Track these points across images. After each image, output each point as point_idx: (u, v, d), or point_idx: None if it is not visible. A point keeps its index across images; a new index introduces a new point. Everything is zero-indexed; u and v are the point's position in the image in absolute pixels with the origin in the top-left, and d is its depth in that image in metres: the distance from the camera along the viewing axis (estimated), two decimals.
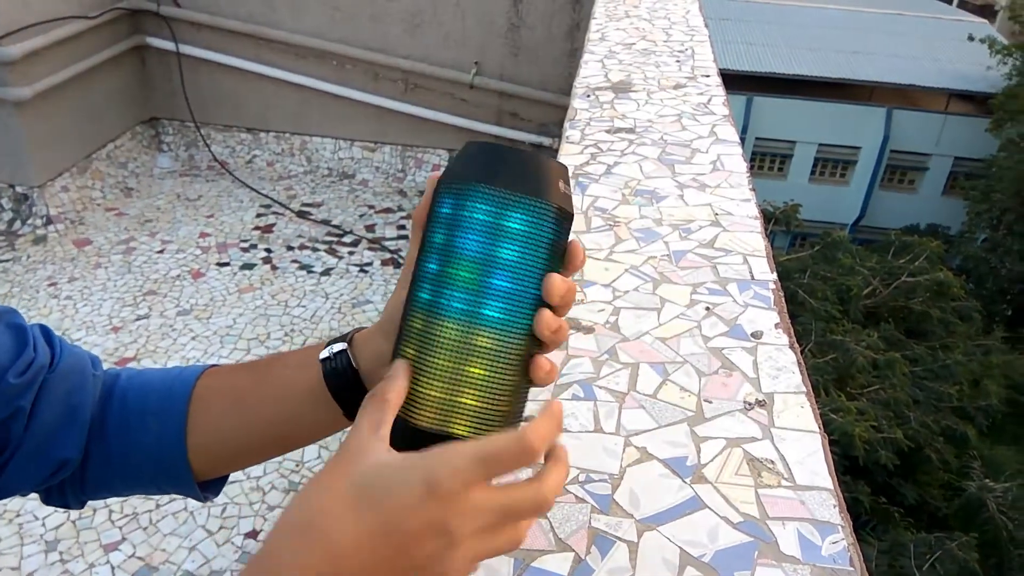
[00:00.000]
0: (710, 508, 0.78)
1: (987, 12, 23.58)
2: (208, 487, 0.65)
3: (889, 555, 7.34)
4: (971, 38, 16.68)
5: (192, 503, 2.26)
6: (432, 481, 0.40)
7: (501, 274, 0.46)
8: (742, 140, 1.76)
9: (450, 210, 0.47)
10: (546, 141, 4.12)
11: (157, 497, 2.27)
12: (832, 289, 9.43)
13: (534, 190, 0.46)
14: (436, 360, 0.46)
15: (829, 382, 8.12)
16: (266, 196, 4.07)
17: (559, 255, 0.48)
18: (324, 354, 0.58)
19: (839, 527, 0.76)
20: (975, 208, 15.71)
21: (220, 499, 2.27)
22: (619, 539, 0.74)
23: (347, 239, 3.73)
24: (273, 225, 3.82)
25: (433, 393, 0.46)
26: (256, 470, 2.36)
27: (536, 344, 0.48)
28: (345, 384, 0.57)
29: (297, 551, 0.41)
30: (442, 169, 0.50)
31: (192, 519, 2.23)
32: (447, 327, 0.46)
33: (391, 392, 0.46)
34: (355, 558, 0.41)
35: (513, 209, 0.46)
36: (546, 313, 0.47)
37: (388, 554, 0.41)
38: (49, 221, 3.62)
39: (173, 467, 0.61)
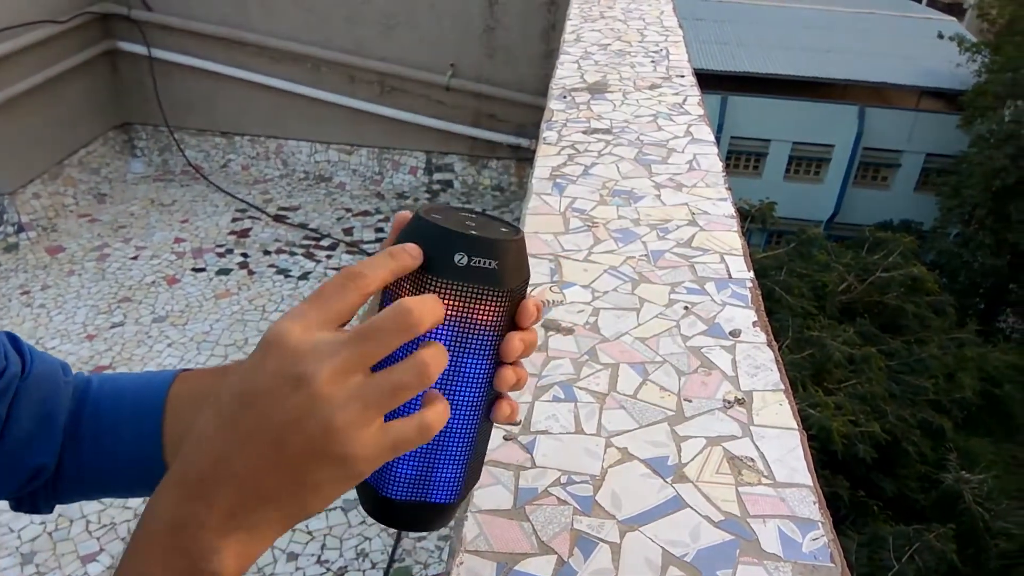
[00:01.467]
0: (692, 507, 0.79)
1: (956, 10, 23.92)
2: None
3: (869, 548, 7.42)
4: (941, 36, 16.90)
5: None
6: (268, 335, 0.38)
7: (466, 360, 0.45)
8: (717, 139, 1.77)
9: (410, 295, 0.44)
10: (524, 142, 4.12)
11: (135, 506, 2.24)
12: (808, 286, 9.53)
13: (497, 280, 0.45)
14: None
15: (807, 378, 8.20)
16: (242, 200, 4.04)
17: (513, 318, 0.48)
18: None
19: (819, 524, 0.77)
20: (947, 204, 15.92)
21: None
22: (602, 540, 0.74)
23: (325, 243, 3.70)
24: (249, 229, 3.79)
25: (403, 470, 0.47)
26: None
27: (495, 393, 0.48)
28: None
29: (182, 479, 0.39)
30: (412, 202, 0.50)
31: None
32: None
33: (367, 276, 0.41)
34: (227, 453, 0.38)
35: (476, 303, 0.44)
36: (506, 371, 0.47)
37: (254, 428, 0.37)
38: (21, 228, 3.56)
39: (150, 474, 0.60)
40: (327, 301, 0.39)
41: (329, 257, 3.58)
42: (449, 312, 0.43)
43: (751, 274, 1.23)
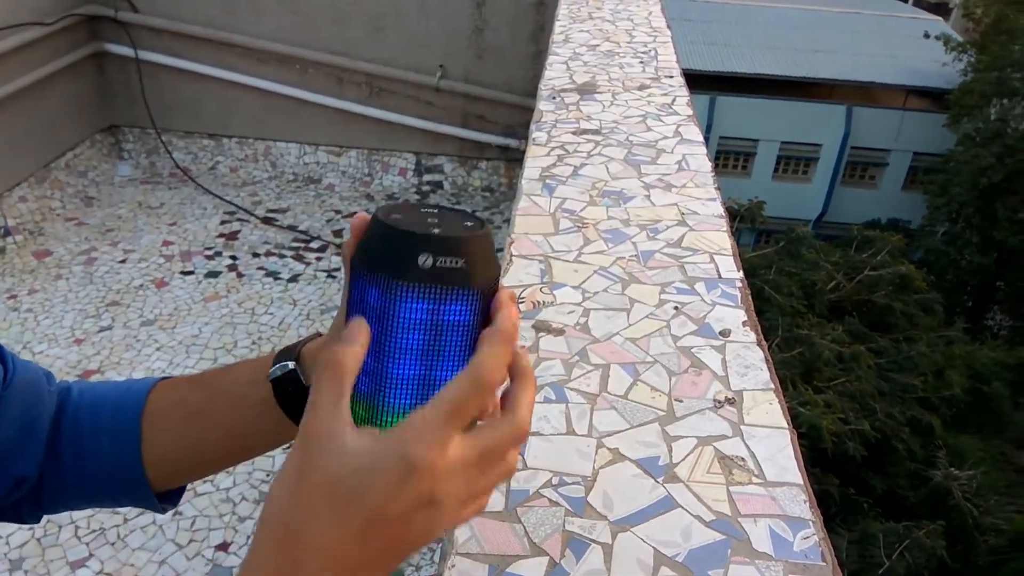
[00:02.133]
0: (683, 507, 0.79)
1: (942, 10, 24.08)
2: (166, 498, 0.64)
3: (859, 545, 7.46)
4: (927, 35, 17.02)
5: (160, 516, 2.23)
6: (409, 459, 0.38)
7: (441, 364, 0.44)
8: (706, 139, 1.78)
9: (378, 304, 0.43)
10: (513, 143, 4.12)
11: (124, 511, 2.23)
12: (797, 284, 9.57)
13: (466, 278, 0.44)
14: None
15: (796, 376, 8.24)
16: (230, 203, 4.02)
17: (487, 315, 0.46)
18: (274, 372, 0.57)
19: (810, 522, 0.77)
20: (934, 202, 16.03)
21: (189, 511, 2.24)
22: (593, 541, 0.74)
23: (314, 244, 3.69)
24: (238, 232, 3.78)
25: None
26: (225, 481, 2.33)
27: None
28: (296, 402, 0.56)
29: (282, 566, 0.39)
30: (377, 203, 0.49)
31: (161, 533, 2.19)
32: (389, 422, 0.44)
33: (348, 357, 0.41)
34: (347, 558, 0.39)
35: (446, 304, 0.43)
36: None
37: (381, 544, 0.40)
38: (7, 232, 3.54)
39: (130, 483, 0.60)
40: (467, 414, 0.41)
41: (319, 259, 3.57)
42: (418, 318, 0.43)
43: (740, 274, 1.23)
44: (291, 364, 0.56)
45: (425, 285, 0.42)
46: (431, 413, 0.40)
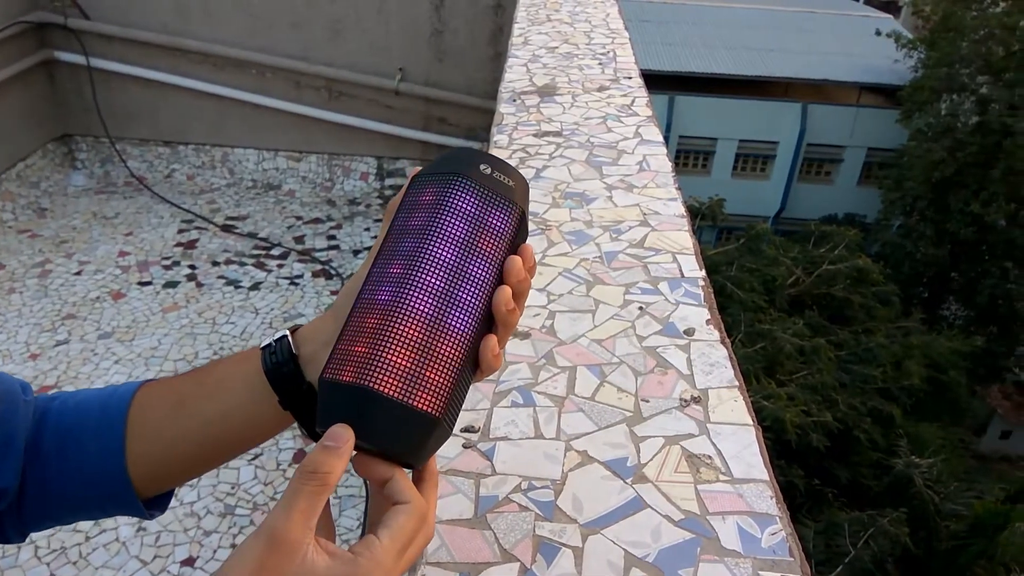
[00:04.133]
0: (652, 507, 0.79)
1: (892, 8, 24.60)
2: (153, 504, 0.62)
3: (825, 535, 7.59)
4: (878, 33, 17.37)
5: (123, 532, 2.18)
6: None
7: (474, 261, 0.48)
8: (666, 139, 1.79)
9: (433, 198, 0.50)
10: (475, 146, 4.12)
11: (86, 529, 2.17)
12: (758, 280, 9.71)
13: (512, 194, 0.51)
14: (389, 353, 0.46)
15: (759, 370, 8.35)
16: (187, 211, 3.95)
17: (515, 248, 0.52)
18: (265, 342, 0.57)
19: (777, 518, 0.78)
20: (889, 196, 16.37)
21: (153, 527, 2.19)
22: (564, 545, 0.74)
23: (275, 252, 3.65)
24: (196, 240, 3.72)
25: (396, 360, 0.46)
26: (190, 495, 2.29)
27: (487, 327, 0.49)
28: (283, 371, 0.56)
29: None
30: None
31: (125, 550, 2.14)
32: (410, 325, 0.46)
33: (335, 470, 0.43)
34: None
35: (494, 206, 0.49)
36: (505, 290, 0.49)
37: None
38: None
39: (113, 486, 0.59)
40: (413, 549, 0.46)
41: (280, 266, 3.53)
42: (470, 210, 0.49)
43: (703, 272, 1.24)
44: (283, 332, 0.57)
45: (481, 185, 0.49)
46: (389, 546, 0.44)
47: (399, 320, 0.46)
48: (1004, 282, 15.15)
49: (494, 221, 0.49)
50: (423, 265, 0.47)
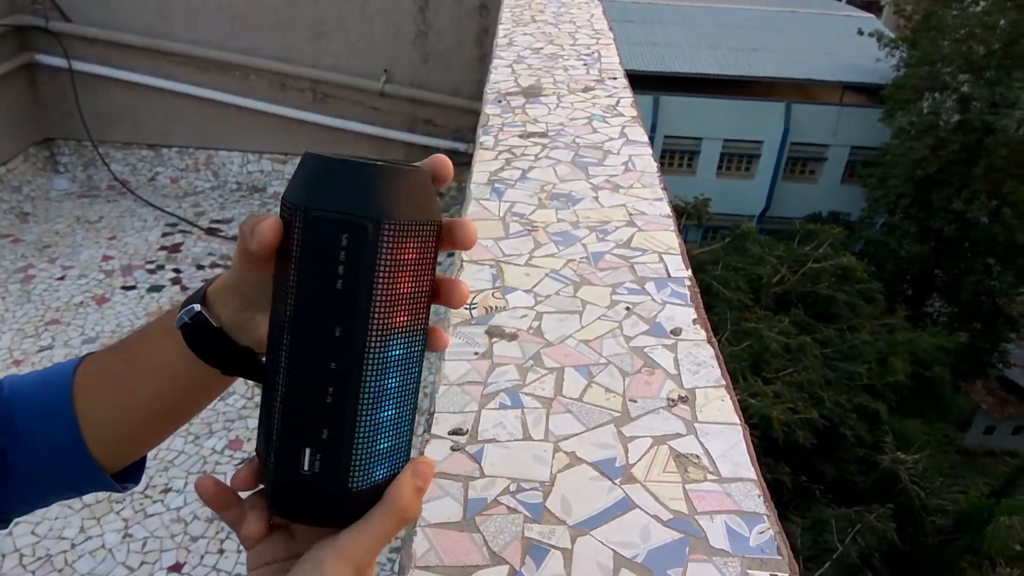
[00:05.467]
0: (640, 508, 0.79)
1: (874, 8, 24.79)
2: (126, 477, 0.61)
3: (812, 532, 7.63)
4: (861, 32, 17.50)
5: (109, 539, 2.16)
6: None
7: (403, 310, 0.42)
8: (651, 139, 1.80)
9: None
10: (461, 147, 4.11)
11: (71, 536, 2.16)
12: (744, 278, 9.75)
13: (425, 210, 0.43)
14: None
15: (746, 368, 8.39)
16: (171, 214, 3.93)
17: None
18: (181, 319, 0.54)
19: (764, 516, 0.78)
20: (872, 194, 16.49)
21: (139, 533, 2.18)
22: (553, 547, 0.74)
23: None
24: (181, 244, 3.69)
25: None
26: (176, 500, 2.27)
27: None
28: (210, 343, 0.54)
29: None
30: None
31: (111, 556, 2.12)
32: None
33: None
34: None
35: (407, 239, 0.41)
36: (440, 331, 0.47)
37: None
38: None
39: (77, 464, 0.58)
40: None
41: None
42: (407, 258, 0.41)
43: (689, 272, 1.25)
44: (196, 307, 0.53)
45: (405, 223, 0.41)
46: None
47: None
48: (987, 278, 15.31)
49: (424, 254, 0.42)
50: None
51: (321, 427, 0.41)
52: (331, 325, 0.41)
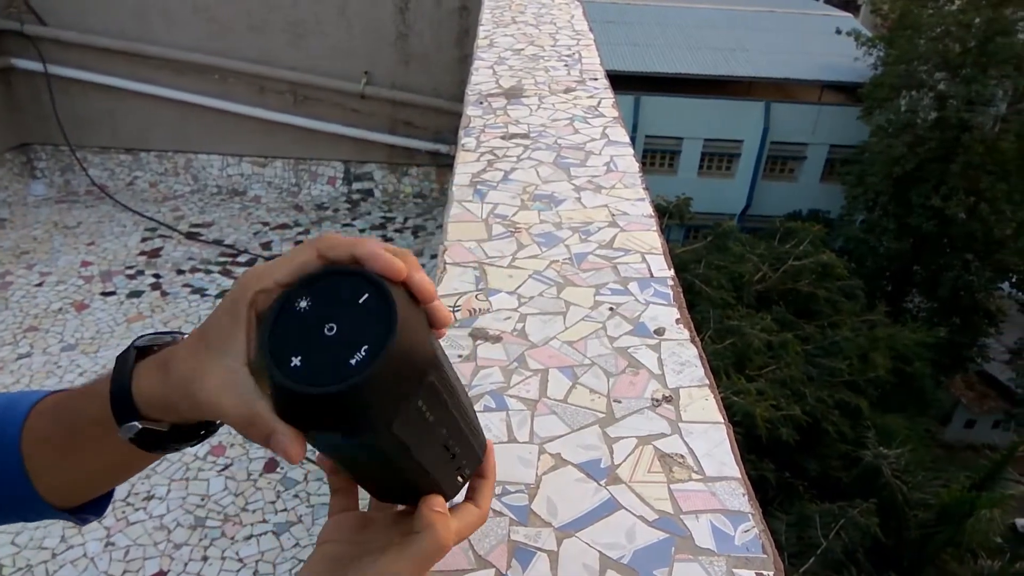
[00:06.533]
0: (626, 508, 0.79)
1: (851, 7, 25.01)
2: (87, 508, 0.60)
3: (797, 528, 7.67)
4: (838, 31, 17.65)
5: (91, 548, 2.14)
6: None
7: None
8: (632, 139, 1.80)
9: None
10: (443, 148, 4.11)
11: (52, 546, 2.13)
12: (726, 277, 9.80)
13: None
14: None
15: (729, 366, 8.43)
16: (151, 219, 3.89)
17: None
18: (125, 434, 0.52)
19: (749, 515, 0.78)
20: (852, 192, 16.64)
21: (122, 541, 2.15)
22: (539, 549, 0.74)
23: (242, 258, 3.61)
24: (160, 249, 3.66)
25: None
26: (159, 507, 2.25)
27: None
28: (159, 441, 0.53)
29: None
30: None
31: (93, 566, 2.10)
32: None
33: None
34: None
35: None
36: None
37: None
38: None
39: (29, 504, 0.57)
40: None
41: None
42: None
43: (671, 272, 1.25)
44: (135, 425, 0.51)
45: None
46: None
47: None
48: (965, 274, 15.48)
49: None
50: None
51: None
52: None
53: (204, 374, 0.47)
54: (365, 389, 0.41)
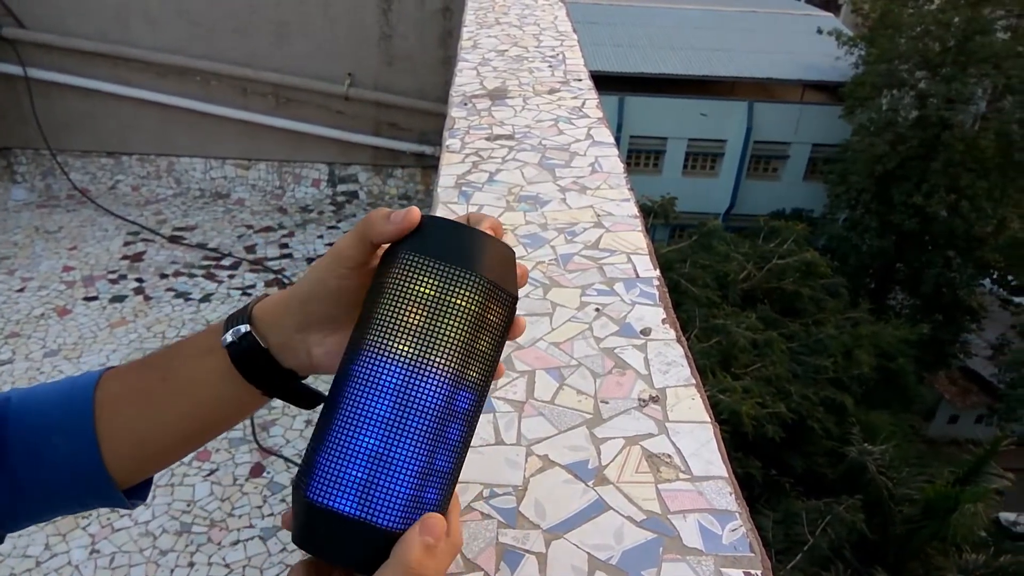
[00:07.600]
0: (614, 509, 0.79)
1: (832, 6, 25.20)
2: (133, 493, 0.60)
3: (784, 524, 7.72)
4: (820, 31, 17.79)
5: (76, 555, 2.12)
6: None
7: (473, 366, 0.47)
8: (617, 140, 1.80)
9: (435, 292, 0.45)
10: (428, 150, 4.10)
11: (36, 554, 2.11)
12: (711, 276, 9.86)
13: (508, 282, 0.48)
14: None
15: (715, 364, 8.47)
16: (133, 223, 3.86)
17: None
18: (228, 338, 0.55)
19: (737, 514, 0.79)
20: (834, 191, 16.76)
21: (107, 548, 2.14)
22: (528, 552, 0.74)
23: (226, 262, 3.58)
24: (143, 253, 3.63)
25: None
26: (144, 514, 2.23)
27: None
28: (257, 365, 0.55)
29: None
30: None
31: (78, 573, 2.08)
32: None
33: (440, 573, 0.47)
34: None
35: (495, 301, 0.47)
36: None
37: None
38: None
39: (92, 481, 0.57)
40: None
41: (231, 277, 3.47)
42: (474, 310, 0.47)
43: (657, 272, 1.25)
44: (244, 328, 0.55)
45: (486, 281, 0.48)
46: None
47: (404, 444, 0.43)
48: (947, 271, 15.63)
49: (493, 318, 0.47)
50: (425, 379, 0.43)
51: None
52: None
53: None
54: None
